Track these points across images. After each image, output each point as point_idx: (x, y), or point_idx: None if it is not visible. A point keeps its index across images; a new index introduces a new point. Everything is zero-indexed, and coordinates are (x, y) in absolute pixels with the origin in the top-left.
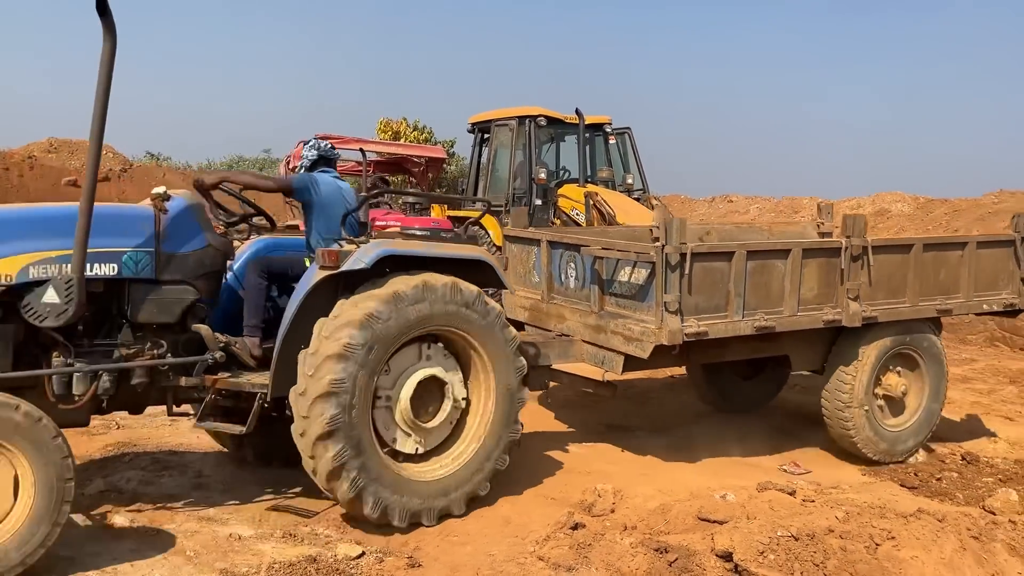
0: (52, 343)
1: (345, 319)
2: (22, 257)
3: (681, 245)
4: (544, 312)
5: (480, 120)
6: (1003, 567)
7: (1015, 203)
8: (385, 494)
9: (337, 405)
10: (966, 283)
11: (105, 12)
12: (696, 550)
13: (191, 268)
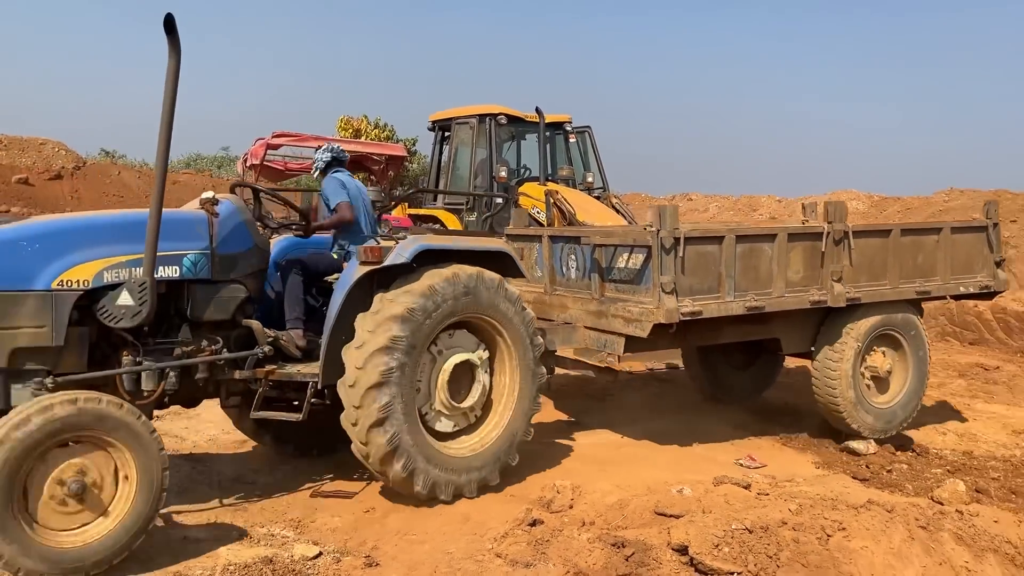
0: (121, 342)
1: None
2: (97, 263)
3: (674, 230)
4: (548, 304)
5: (440, 118)
6: (950, 556)
7: (965, 201)
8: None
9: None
10: (943, 266)
11: (172, 31)
12: (653, 544)
13: (241, 267)
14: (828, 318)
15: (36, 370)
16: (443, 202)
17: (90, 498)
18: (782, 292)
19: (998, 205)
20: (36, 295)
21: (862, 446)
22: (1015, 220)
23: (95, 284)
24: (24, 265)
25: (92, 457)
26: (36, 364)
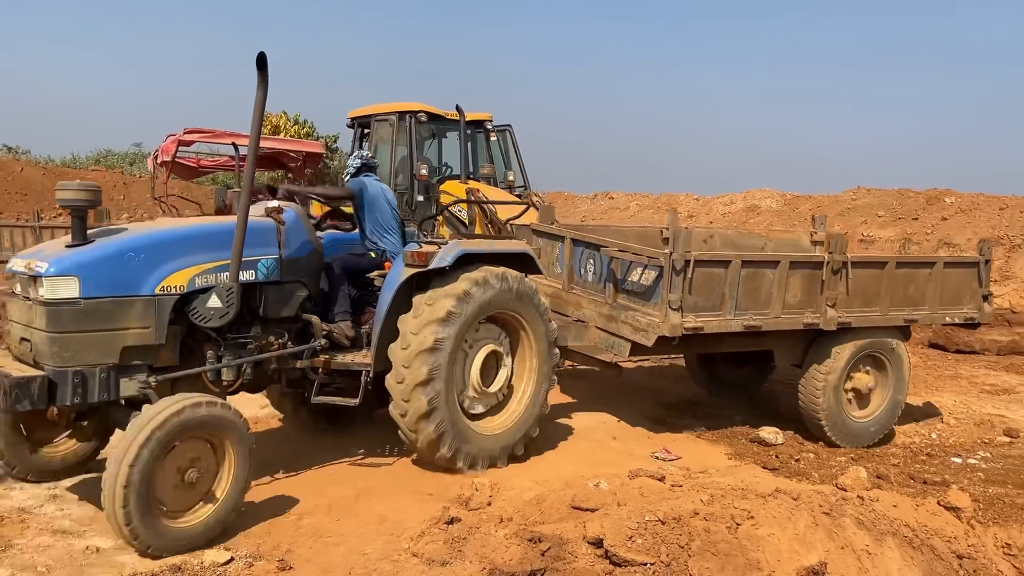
0: (205, 338)
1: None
2: (189, 270)
3: (686, 253)
4: (564, 300)
5: (360, 115)
6: (851, 539)
7: (872, 199)
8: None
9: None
10: (932, 297)
11: (262, 67)
12: (568, 538)
13: (303, 269)
14: (819, 337)
15: (140, 365)
16: None
17: (201, 485)
18: (779, 313)
19: (991, 244)
20: (143, 300)
21: (772, 437)
22: (916, 217)
23: (189, 289)
24: (132, 274)
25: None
26: (140, 360)
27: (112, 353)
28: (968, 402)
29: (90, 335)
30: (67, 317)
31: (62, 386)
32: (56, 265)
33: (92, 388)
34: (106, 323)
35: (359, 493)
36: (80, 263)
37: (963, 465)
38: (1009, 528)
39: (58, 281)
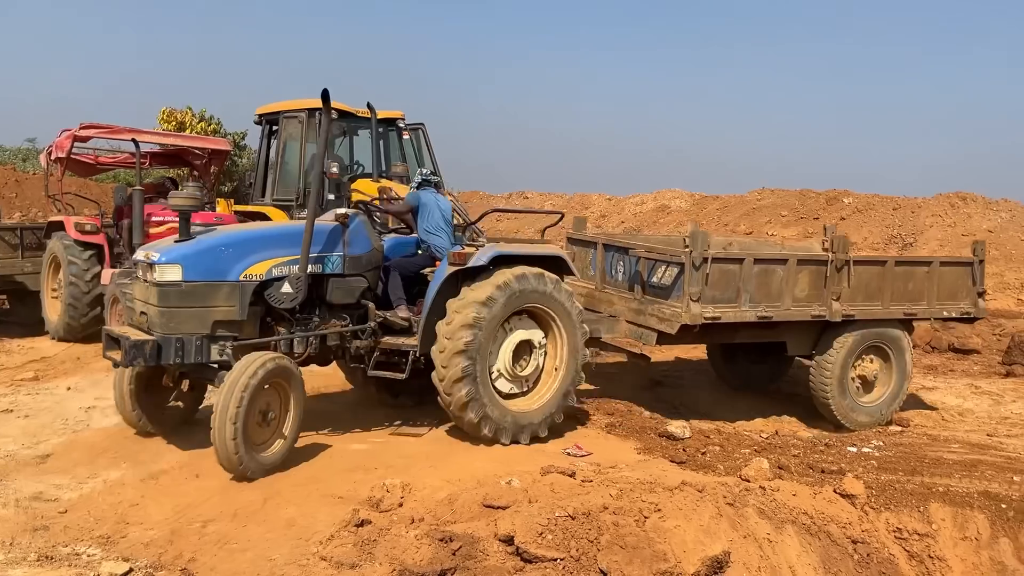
0: (280, 318)
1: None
2: (268, 262)
3: (704, 251)
4: (597, 298)
5: (268, 111)
6: (754, 528)
7: (775, 199)
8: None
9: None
10: (930, 293)
11: (326, 101)
12: (480, 536)
13: (364, 265)
14: (827, 328)
15: (226, 335)
16: (272, 198)
17: (274, 423)
18: (789, 306)
19: (985, 245)
20: (230, 284)
21: (680, 431)
22: (817, 217)
23: (266, 277)
24: (222, 264)
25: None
26: (226, 331)
27: (205, 325)
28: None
29: (189, 310)
30: (172, 296)
31: (166, 348)
32: (166, 255)
33: (189, 351)
34: (201, 301)
35: (267, 497)
36: (183, 254)
37: (858, 454)
38: (900, 513)
39: (167, 268)
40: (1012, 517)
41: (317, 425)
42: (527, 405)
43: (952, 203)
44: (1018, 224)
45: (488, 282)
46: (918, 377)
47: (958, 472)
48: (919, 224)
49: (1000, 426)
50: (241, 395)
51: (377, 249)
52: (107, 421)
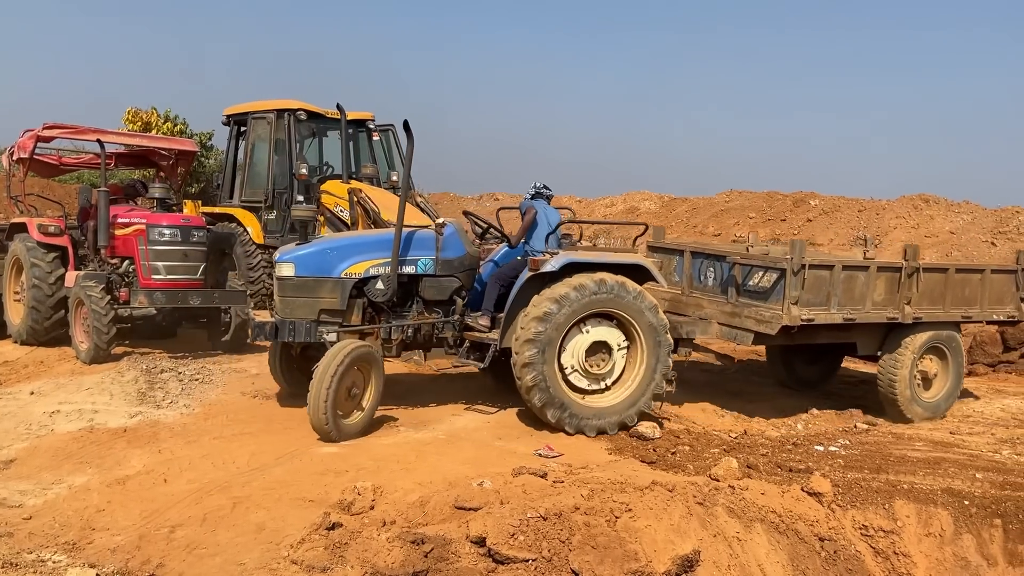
0: (380, 310)
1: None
2: (365, 263)
3: (803, 258)
4: (684, 303)
5: (236, 112)
6: (723, 527)
7: (743, 201)
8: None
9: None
10: (982, 298)
11: (408, 131)
12: (452, 538)
13: (455, 267)
14: (893, 330)
15: (331, 322)
16: (240, 200)
17: (357, 398)
18: (868, 309)
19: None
20: (333, 280)
21: (650, 431)
22: (784, 219)
23: (364, 275)
24: (327, 263)
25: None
26: (331, 318)
27: (313, 312)
28: (829, 393)
29: (300, 299)
30: (287, 287)
31: (282, 329)
32: (283, 256)
33: (300, 332)
34: (309, 293)
35: (236, 502)
36: (296, 255)
37: (825, 453)
38: (865, 510)
39: (283, 265)
40: (974, 514)
41: (288, 428)
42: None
43: (915, 205)
44: (979, 226)
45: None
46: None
47: (922, 470)
48: (884, 225)
49: (962, 424)
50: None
51: (471, 255)
52: (71, 426)
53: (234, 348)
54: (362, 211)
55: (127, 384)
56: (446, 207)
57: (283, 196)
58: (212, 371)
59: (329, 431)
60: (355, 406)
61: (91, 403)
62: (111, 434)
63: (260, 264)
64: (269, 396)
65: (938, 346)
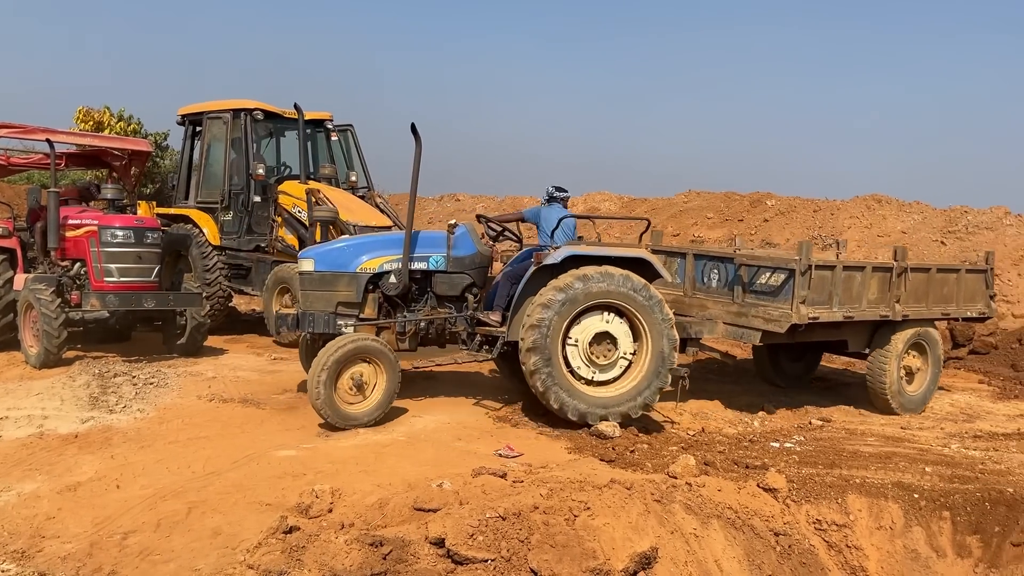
0: (394, 305)
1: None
2: (379, 259)
3: (810, 259)
4: (687, 304)
5: (191, 112)
6: (680, 524)
7: (701, 202)
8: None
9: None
10: (958, 296)
11: (416, 133)
12: (411, 540)
13: (466, 264)
14: (880, 327)
15: (348, 314)
16: (196, 200)
17: (363, 388)
18: (864, 307)
19: (994, 255)
20: (349, 274)
21: (609, 430)
22: (742, 219)
23: (378, 270)
24: (344, 259)
25: (365, 367)
26: (347, 311)
27: (331, 304)
28: (785, 390)
29: (319, 292)
30: (307, 281)
31: (303, 320)
32: (304, 252)
33: (319, 323)
34: (327, 287)
35: (191, 507)
36: (316, 252)
37: (780, 449)
38: (819, 505)
39: (304, 261)
40: (924, 507)
41: (245, 431)
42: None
43: (868, 205)
44: (929, 226)
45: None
46: (835, 375)
47: (874, 464)
48: (838, 225)
49: (913, 419)
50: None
51: (482, 253)
52: (20, 432)
53: (190, 351)
54: None
55: (79, 389)
56: (406, 207)
57: (240, 197)
58: (167, 375)
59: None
60: (364, 397)
61: (41, 409)
62: (62, 440)
63: (216, 266)
64: (226, 400)
65: (920, 342)
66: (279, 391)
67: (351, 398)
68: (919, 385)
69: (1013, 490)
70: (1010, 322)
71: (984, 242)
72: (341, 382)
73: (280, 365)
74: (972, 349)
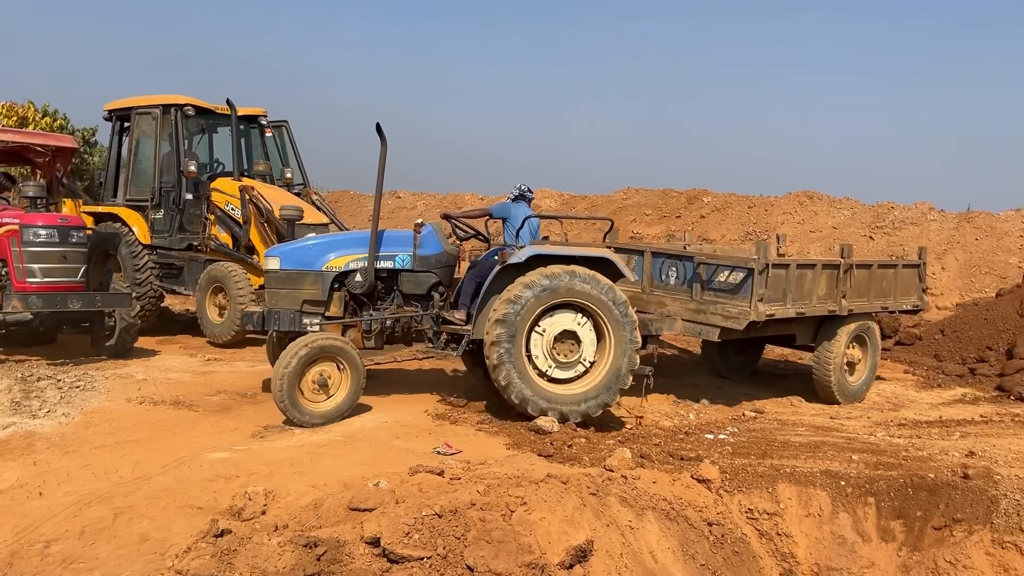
0: (361, 303)
1: (518, 282)
2: (346, 258)
3: (767, 258)
4: (645, 301)
5: (118, 107)
6: (616, 517)
7: (640, 199)
8: (527, 393)
9: (503, 326)
10: (895, 290)
11: (380, 133)
12: (346, 540)
13: (432, 263)
14: (826, 322)
15: (315, 312)
16: (124, 198)
17: (327, 387)
18: (814, 303)
19: (926, 250)
20: (315, 272)
21: (548, 425)
22: (679, 216)
23: (344, 269)
24: (310, 257)
25: (329, 366)
26: (313, 309)
27: (296, 303)
28: (721, 383)
29: (284, 291)
30: (272, 280)
31: (268, 318)
32: (270, 251)
33: (284, 321)
34: (293, 285)
35: (118, 513)
36: (281, 250)
37: (714, 440)
38: (751, 494)
39: (269, 259)
40: (850, 493)
41: (177, 434)
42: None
43: (801, 201)
44: (859, 221)
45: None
46: (769, 367)
47: (803, 453)
48: (772, 221)
49: (841, 409)
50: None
51: (448, 252)
52: None
53: (119, 353)
54: (254, 209)
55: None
56: (346, 204)
57: (171, 194)
58: (95, 377)
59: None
60: (328, 395)
61: None
62: None
63: (147, 265)
64: (157, 402)
65: (862, 335)
66: (213, 392)
67: (315, 397)
68: (860, 375)
69: (934, 476)
70: (934, 313)
71: (909, 237)
72: (305, 381)
73: (214, 366)
74: (898, 340)
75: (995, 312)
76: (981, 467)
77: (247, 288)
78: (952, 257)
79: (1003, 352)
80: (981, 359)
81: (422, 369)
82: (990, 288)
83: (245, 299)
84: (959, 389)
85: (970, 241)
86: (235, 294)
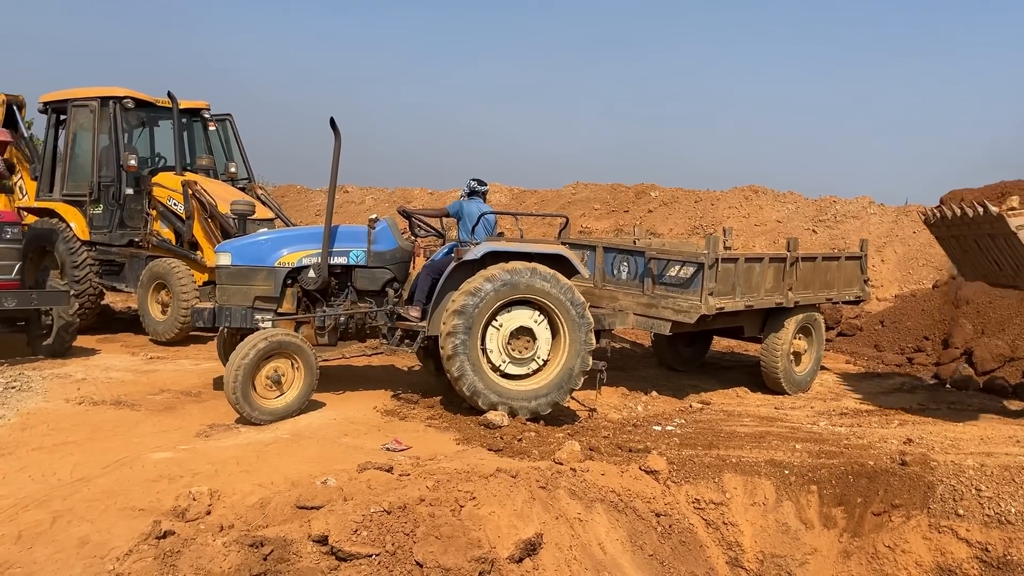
0: (314, 299)
1: (479, 275)
2: (299, 253)
3: (717, 253)
4: (598, 295)
5: (54, 100)
6: (565, 509)
7: (589, 193)
8: (480, 386)
9: (460, 317)
10: (839, 282)
11: (335, 127)
12: (293, 539)
13: (387, 259)
14: (772, 314)
15: (267, 308)
16: (61, 193)
17: (280, 384)
18: (762, 295)
19: (868, 243)
20: (267, 268)
21: (498, 419)
22: (627, 210)
23: (296, 264)
24: (262, 253)
25: (283, 363)
26: (266, 305)
27: (248, 299)
28: (669, 375)
29: (236, 287)
30: (224, 276)
31: (220, 315)
32: (221, 247)
33: (235, 318)
34: (245, 281)
35: (57, 516)
36: (233, 245)
37: (662, 432)
38: (698, 485)
39: (221, 255)
40: (794, 482)
41: (117, 435)
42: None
43: (746, 196)
44: (802, 215)
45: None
46: (716, 359)
47: (749, 444)
48: (718, 216)
49: (786, 400)
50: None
51: (402, 248)
52: None
53: (57, 352)
54: (197, 204)
55: None
56: (292, 199)
57: (110, 189)
58: (31, 378)
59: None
60: (281, 391)
61: None
62: None
63: (86, 262)
64: (97, 402)
65: (807, 326)
66: (155, 391)
67: (267, 393)
68: (806, 365)
69: (874, 463)
70: (874, 305)
71: (851, 230)
72: (259, 378)
73: (156, 364)
74: (840, 331)
75: (931, 303)
76: (918, 454)
77: (190, 285)
78: (891, 250)
79: (939, 342)
80: (919, 349)
81: (372, 366)
82: (927, 280)
83: (188, 296)
84: (898, 378)
85: (908, 234)
86: (178, 291)
